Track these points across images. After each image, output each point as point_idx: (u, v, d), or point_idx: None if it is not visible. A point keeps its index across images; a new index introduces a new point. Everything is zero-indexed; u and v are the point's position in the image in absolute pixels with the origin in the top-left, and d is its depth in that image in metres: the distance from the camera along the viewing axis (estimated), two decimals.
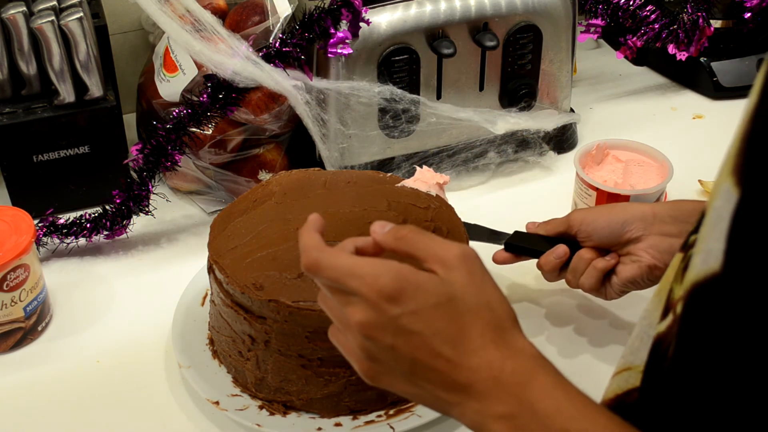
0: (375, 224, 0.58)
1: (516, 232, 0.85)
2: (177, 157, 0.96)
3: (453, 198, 0.87)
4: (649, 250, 0.77)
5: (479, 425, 0.51)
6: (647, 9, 1.17)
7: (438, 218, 0.83)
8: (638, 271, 0.78)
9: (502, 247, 0.85)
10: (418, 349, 0.52)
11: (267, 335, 0.75)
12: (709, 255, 0.41)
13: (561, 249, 0.81)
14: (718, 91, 1.28)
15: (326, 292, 0.57)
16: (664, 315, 0.49)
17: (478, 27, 1.03)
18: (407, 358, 0.53)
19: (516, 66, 1.08)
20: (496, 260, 0.85)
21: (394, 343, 0.53)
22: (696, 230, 0.47)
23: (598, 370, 0.83)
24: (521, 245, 0.84)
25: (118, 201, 0.97)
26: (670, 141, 1.12)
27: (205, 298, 0.89)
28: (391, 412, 0.77)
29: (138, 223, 1.01)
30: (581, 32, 1.17)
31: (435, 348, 0.52)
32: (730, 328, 0.40)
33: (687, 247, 0.49)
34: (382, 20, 0.99)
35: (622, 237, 0.78)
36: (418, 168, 0.89)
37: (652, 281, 0.79)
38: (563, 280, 0.84)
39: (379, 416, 0.77)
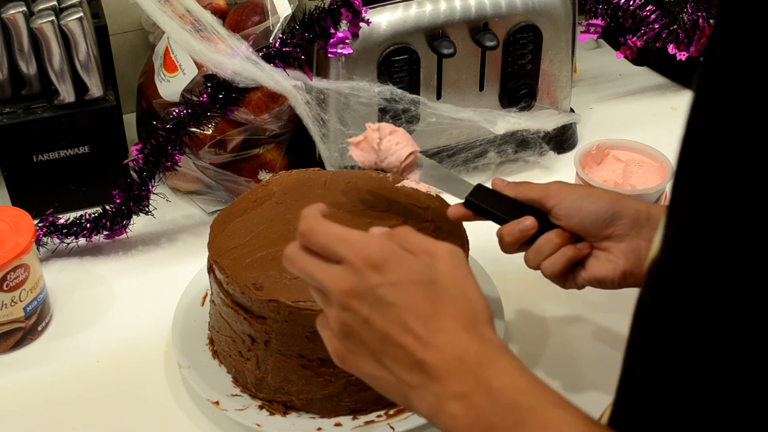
0: (372, 229, 0.59)
1: (479, 186, 0.75)
2: (177, 157, 0.96)
3: (453, 198, 0.87)
4: (629, 255, 0.70)
5: (435, 407, 0.51)
6: (647, 9, 1.17)
7: (438, 218, 0.83)
8: (611, 274, 0.71)
9: (462, 201, 0.76)
10: (391, 323, 0.53)
11: (267, 335, 0.75)
12: (657, 241, 0.42)
13: (529, 222, 0.72)
14: None
15: (312, 264, 0.56)
16: None
17: (478, 27, 1.03)
18: (379, 332, 0.53)
19: (516, 66, 1.08)
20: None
21: (369, 315, 0.53)
22: None
23: (600, 376, 0.83)
24: (484, 206, 0.74)
25: (118, 201, 0.97)
26: (670, 141, 1.12)
27: (205, 298, 0.89)
28: (391, 412, 0.77)
29: (138, 223, 1.01)
30: (581, 32, 1.17)
31: (406, 322, 0.52)
32: (669, 310, 0.41)
33: None
34: (382, 20, 0.99)
35: (604, 230, 0.71)
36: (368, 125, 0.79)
37: (622, 286, 0.72)
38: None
39: (379, 416, 0.77)
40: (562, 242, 0.72)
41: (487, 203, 0.75)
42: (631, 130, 1.20)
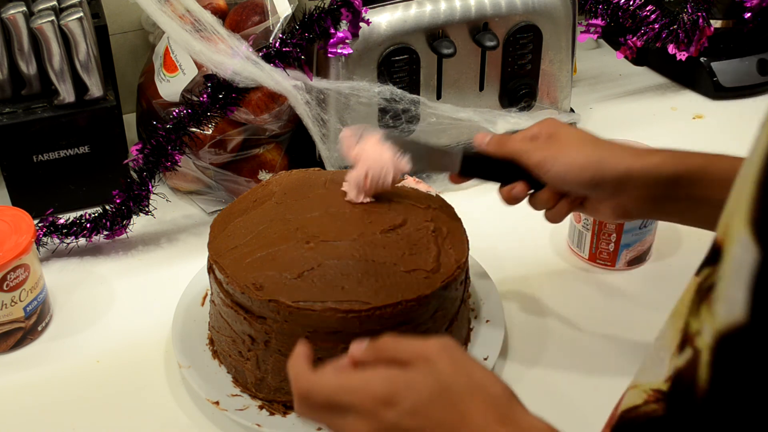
0: (352, 346, 0.58)
1: (466, 156, 0.78)
2: (177, 157, 0.96)
3: (453, 198, 0.87)
4: (616, 209, 0.74)
5: None
6: (647, 9, 1.17)
7: (438, 218, 0.83)
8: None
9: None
10: None
11: (267, 335, 0.75)
12: (733, 305, 0.40)
13: (518, 188, 0.76)
14: (718, 91, 1.28)
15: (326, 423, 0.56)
16: (682, 347, 0.48)
17: (478, 27, 1.03)
18: None
19: (516, 66, 1.08)
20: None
21: None
22: (709, 262, 0.46)
23: (603, 375, 0.84)
24: (477, 176, 0.79)
25: (118, 201, 0.97)
26: (670, 141, 1.12)
27: (205, 298, 0.89)
28: None
29: (138, 223, 1.01)
30: (581, 32, 1.17)
31: None
32: (763, 378, 0.39)
33: (703, 277, 0.48)
34: (382, 20, 0.99)
35: (590, 194, 0.74)
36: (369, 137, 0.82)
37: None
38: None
39: None
40: (555, 201, 0.76)
41: (479, 173, 0.79)
42: (631, 130, 1.20)
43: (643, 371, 0.53)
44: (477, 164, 0.79)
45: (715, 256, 0.45)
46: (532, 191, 0.77)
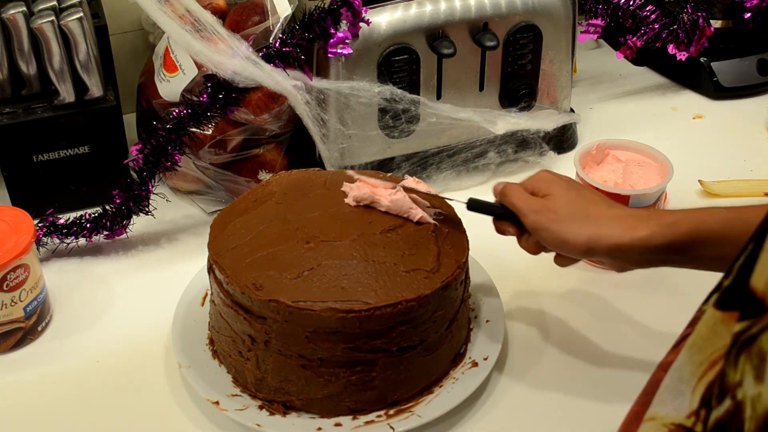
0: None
1: (472, 199, 0.82)
2: (177, 157, 0.96)
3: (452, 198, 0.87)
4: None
5: None
6: (647, 9, 1.17)
7: (438, 218, 0.83)
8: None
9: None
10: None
11: (267, 335, 0.75)
12: None
13: (510, 230, 0.80)
14: (718, 91, 1.28)
15: None
16: (720, 397, 0.48)
17: (478, 27, 1.03)
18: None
19: (516, 66, 1.08)
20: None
21: None
22: (748, 314, 0.46)
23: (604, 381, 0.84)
24: (480, 210, 0.82)
25: (118, 201, 0.97)
26: (670, 141, 1.12)
27: (205, 298, 0.89)
28: (391, 412, 0.77)
29: (138, 223, 1.01)
30: (581, 32, 1.17)
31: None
32: None
33: (741, 328, 0.48)
34: (382, 20, 0.99)
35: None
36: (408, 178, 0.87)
37: None
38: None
39: (379, 416, 0.77)
40: (540, 250, 0.79)
41: (482, 209, 0.81)
42: (631, 130, 1.20)
43: (660, 403, 0.52)
44: (481, 203, 0.81)
45: (756, 309, 0.44)
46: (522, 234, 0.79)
